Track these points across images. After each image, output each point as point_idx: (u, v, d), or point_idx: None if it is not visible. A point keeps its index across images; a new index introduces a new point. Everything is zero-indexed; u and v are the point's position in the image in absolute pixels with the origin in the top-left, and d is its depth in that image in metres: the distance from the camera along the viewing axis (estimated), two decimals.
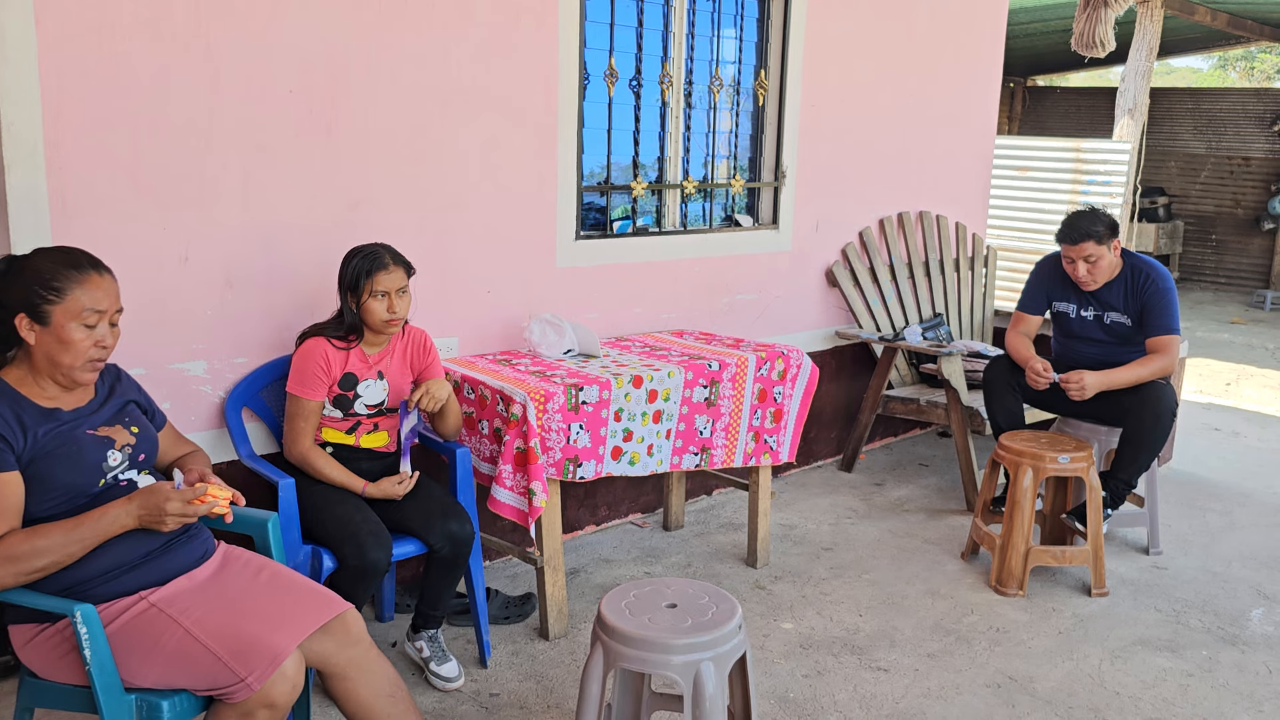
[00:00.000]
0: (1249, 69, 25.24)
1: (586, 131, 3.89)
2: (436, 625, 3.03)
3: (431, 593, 2.98)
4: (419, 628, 3.03)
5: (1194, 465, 5.31)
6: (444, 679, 2.96)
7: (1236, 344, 9.12)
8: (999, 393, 4.06)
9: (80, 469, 2.13)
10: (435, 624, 3.03)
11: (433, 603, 2.99)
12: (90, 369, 2.17)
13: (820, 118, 4.67)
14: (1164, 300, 3.82)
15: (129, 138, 2.78)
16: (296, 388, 2.86)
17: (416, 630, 3.04)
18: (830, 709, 2.94)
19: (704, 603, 2.40)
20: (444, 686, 2.95)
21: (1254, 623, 3.56)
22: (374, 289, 2.84)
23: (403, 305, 2.90)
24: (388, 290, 2.86)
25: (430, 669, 2.98)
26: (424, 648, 3.02)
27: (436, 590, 2.97)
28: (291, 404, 2.88)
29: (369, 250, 2.88)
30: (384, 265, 2.85)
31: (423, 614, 3.02)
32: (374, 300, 2.85)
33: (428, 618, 3.01)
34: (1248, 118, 11.97)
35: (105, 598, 2.10)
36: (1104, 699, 3.04)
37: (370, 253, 2.87)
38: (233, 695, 2.02)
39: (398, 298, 2.88)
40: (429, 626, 3.02)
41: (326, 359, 2.86)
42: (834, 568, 3.90)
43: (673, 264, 4.24)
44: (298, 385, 2.86)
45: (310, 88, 3.09)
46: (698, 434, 3.55)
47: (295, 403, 2.87)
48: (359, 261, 2.86)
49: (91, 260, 2.16)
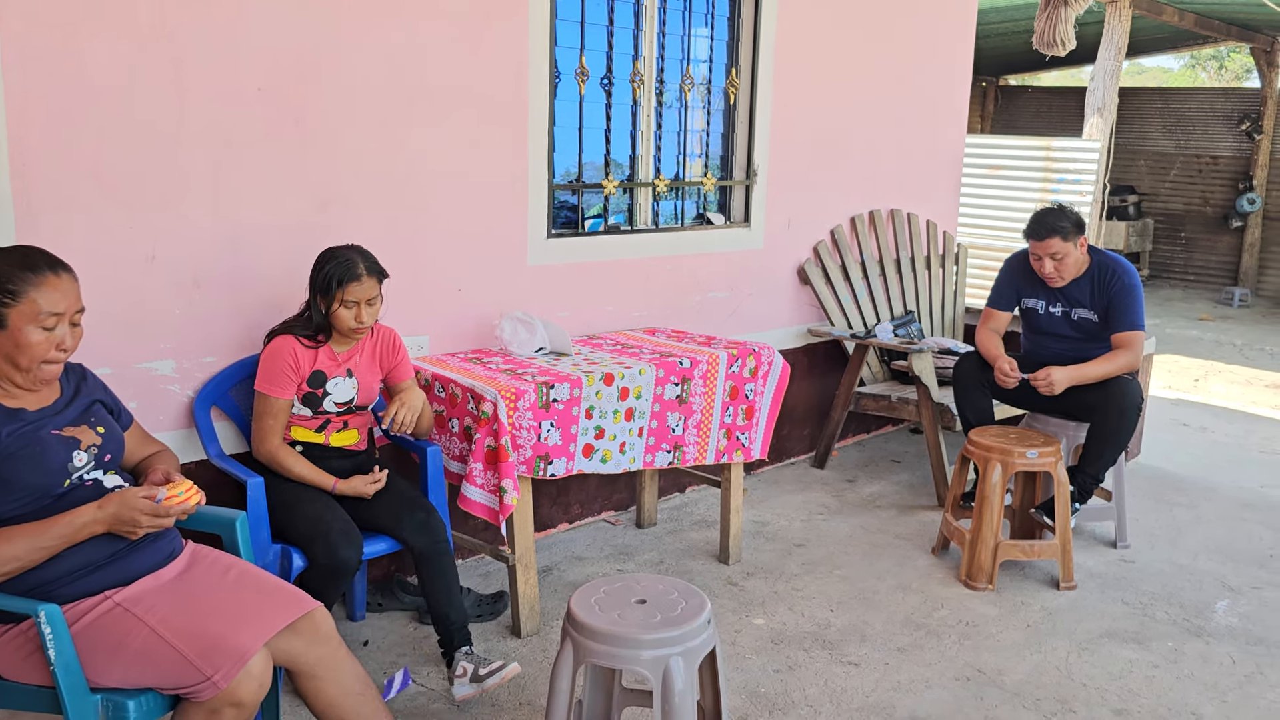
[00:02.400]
0: (1219, 68, 25.53)
1: (558, 130, 3.89)
2: (467, 639, 2.86)
3: (441, 601, 2.84)
4: (450, 649, 2.85)
5: (1162, 460, 5.37)
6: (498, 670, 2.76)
7: (1205, 340, 9.24)
8: (969, 389, 4.10)
9: (45, 470, 2.11)
10: (465, 638, 2.86)
11: (448, 615, 2.84)
12: (49, 371, 2.15)
13: (792, 116, 4.69)
14: (1129, 297, 3.87)
15: (94, 136, 2.76)
16: (265, 385, 2.84)
17: (450, 657, 2.85)
18: (801, 703, 2.96)
19: (673, 598, 2.41)
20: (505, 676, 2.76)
21: (1219, 614, 3.61)
22: (344, 298, 2.82)
23: (370, 314, 2.88)
24: (358, 300, 2.84)
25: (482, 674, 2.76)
26: (467, 667, 2.78)
27: (444, 596, 2.84)
28: (260, 402, 2.86)
29: (344, 257, 2.85)
30: (357, 276, 2.82)
31: (447, 633, 2.85)
32: (343, 308, 2.84)
33: (452, 634, 2.85)
34: (1216, 117, 12.12)
35: (70, 597, 2.09)
36: (1071, 690, 3.08)
37: (345, 260, 2.84)
38: (199, 694, 2.02)
39: (366, 307, 2.86)
40: (460, 644, 2.85)
41: (295, 357, 2.84)
42: (806, 564, 3.92)
43: (645, 262, 4.25)
44: (266, 383, 2.84)
45: (279, 86, 3.08)
46: (670, 431, 3.56)
47: (263, 401, 2.85)
48: (332, 267, 2.83)
49: (49, 260, 2.14)
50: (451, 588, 2.88)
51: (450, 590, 2.87)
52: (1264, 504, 4.76)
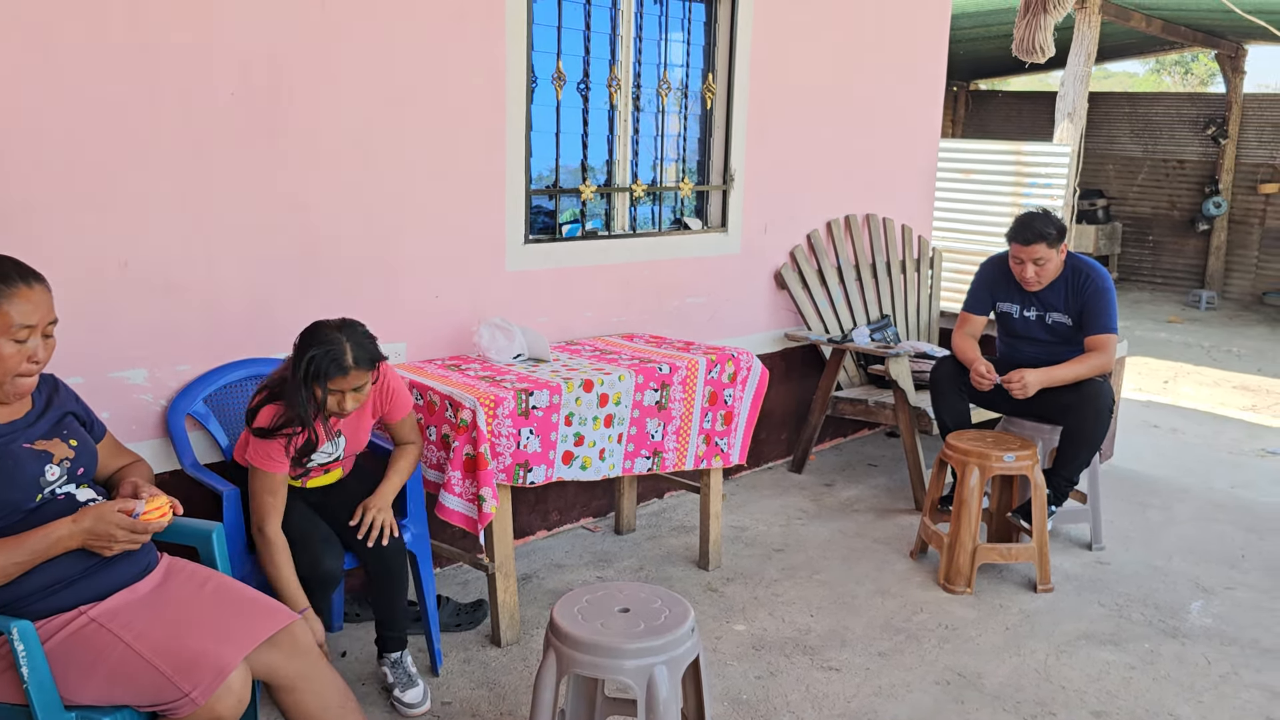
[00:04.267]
0: (1185, 73, 25.89)
1: (534, 135, 3.88)
2: (399, 647, 2.93)
3: (383, 611, 2.90)
4: (382, 651, 2.95)
5: (1134, 462, 5.42)
6: (406, 705, 2.85)
7: (1174, 342, 9.35)
8: (945, 393, 4.12)
9: (16, 484, 2.07)
10: (397, 645, 2.93)
11: (386, 623, 2.91)
12: (22, 385, 2.11)
13: (768, 121, 4.70)
14: (1103, 300, 3.90)
15: (65, 142, 2.71)
16: (263, 463, 2.60)
17: (380, 654, 2.95)
18: (783, 709, 2.96)
19: (656, 606, 2.40)
20: (407, 713, 2.85)
21: (1193, 615, 3.64)
22: (329, 387, 2.58)
23: (356, 402, 2.64)
24: (342, 390, 2.60)
25: (394, 695, 2.87)
26: (387, 674, 2.91)
27: (386, 606, 2.89)
28: (259, 480, 2.62)
29: (331, 345, 2.56)
30: (343, 370, 2.56)
31: (381, 637, 2.93)
32: (329, 395, 2.60)
33: (386, 640, 2.93)
34: (1182, 122, 12.28)
35: (43, 613, 2.05)
36: (1050, 693, 3.10)
37: (331, 351, 2.55)
38: (177, 711, 1.98)
39: (350, 397, 2.62)
40: (390, 649, 2.93)
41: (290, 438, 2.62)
42: (785, 569, 3.92)
43: (622, 267, 4.24)
44: (263, 461, 2.60)
45: (251, 91, 3.04)
46: (649, 437, 3.55)
47: (263, 479, 2.61)
48: (318, 356, 2.54)
49: (21, 271, 2.09)
50: (395, 597, 2.89)
51: (394, 599, 2.89)
52: (1234, 505, 4.81)
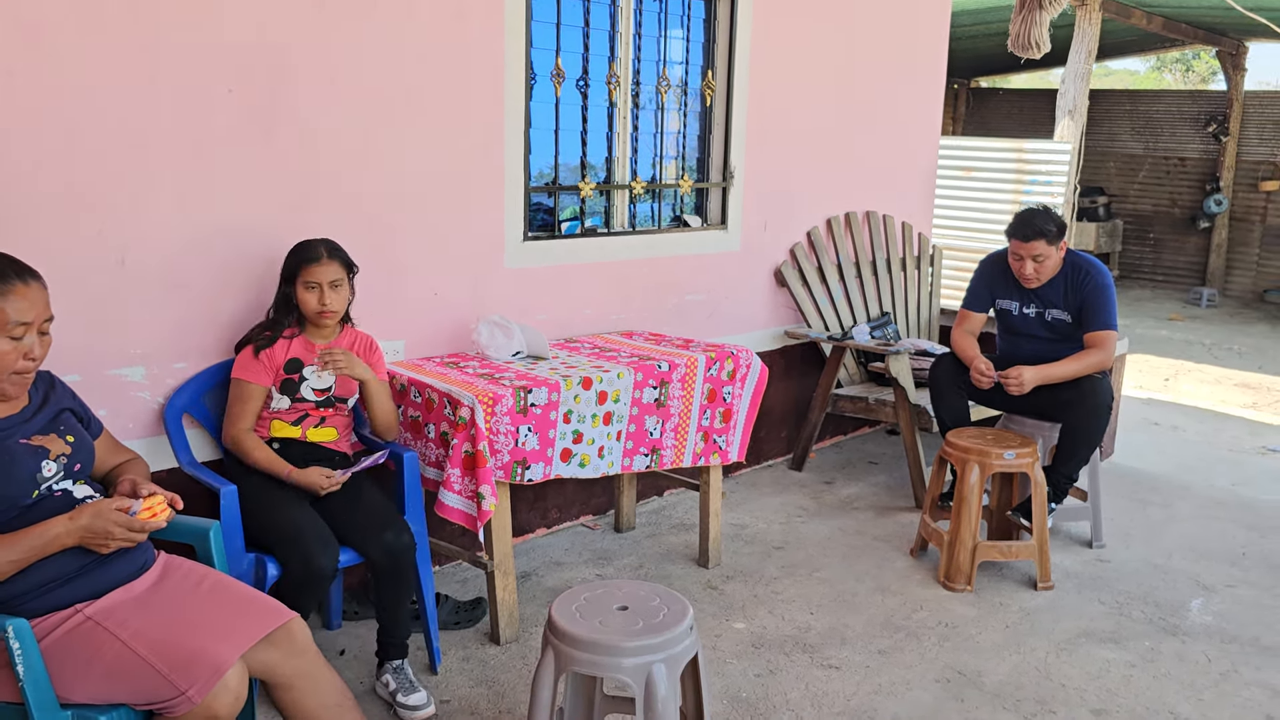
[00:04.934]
0: (1185, 71, 25.85)
1: (533, 132, 3.87)
2: (401, 654, 2.91)
3: (386, 616, 2.88)
4: (384, 659, 2.92)
5: (1135, 459, 5.41)
6: (410, 708, 2.81)
7: (1175, 340, 9.33)
8: (945, 391, 4.11)
9: (13, 480, 2.06)
10: (400, 653, 2.91)
11: (390, 629, 2.89)
12: (18, 381, 2.10)
13: (767, 118, 4.69)
14: (1102, 297, 3.89)
15: (62, 138, 2.70)
16: (239, 372, 2.89)
17: (382, 663, 2.92)
18: (783, 708, 2.95)
19: (655, 604, 2.39)
20: (412, 717, 2.80)
21: (1193, 613, 3.63)
22: (305, 279, 2.89)
23: (335, 299, 2.91)
24: (319, 282, 2.88)
25: (397, 700, 2.83)
26: (390, 681, 2.87)
27: (391, 612, 2.87)
28: (233, 389, 2.89)
29: (306, 242, 2.95)
30: (316, 257, 2.89)
31: (384, 644, 2.91)
32: (306, 291, 2.89)
33: (389, 647, 2.90)
34: (1183, 119, 12.26)
35: (39, 611, 2.04)
36: (1050, 691, 3.09)
37: (305, 244, 2.93)
38: (174, 709, 1.97)
39: (330, 290, 2.89)
40: (393, 656, 2.90)
41: (269, 349, 2.89)
42: (785, 566, 3.91)
43: (622, 264, 4.23)
44: (240, 370, 2.88)
45: (250, 87, 3.03)
46: (648, 435, 3.54)
47: (237, 386, 2.88)
48: (293, 252, 2.93)
49: (17, 268, 2.08)
50: (401, 604, 2.89)
51: (399, 606, 2.89)
52: (1235, 502, 4.80)
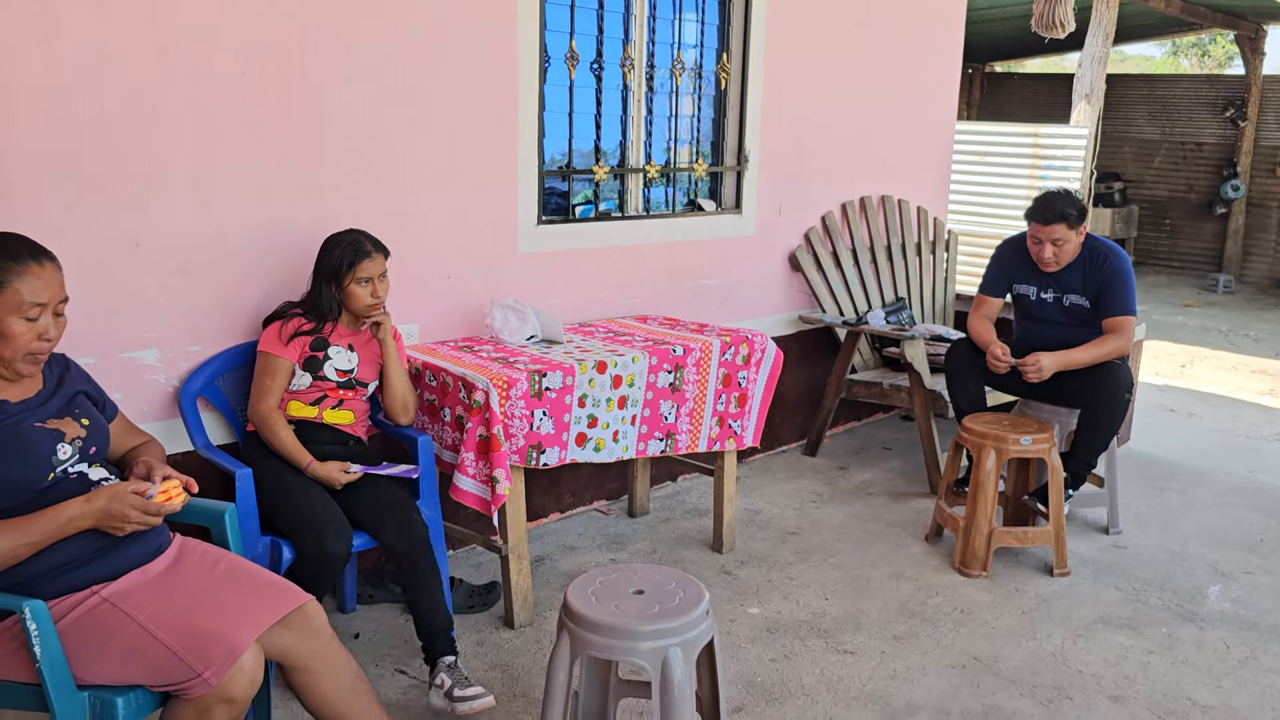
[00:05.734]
0: (1202, 55, 25.60)
1: (547, 115, 3.85)
2: (451, 650, 2.77)
3: (423, 608, 2.76)
4: (435, 658, 2.77)
5: (1152, 446, 5.38)
6: (470, 698, 2.64)
7: (1191, 327, 9.27)
8: (960, 376, 4.08)
9: (28, 463, 2.06)
10: (448, 648, 2.77)
11: (430, 623, 2.76)
12: (33, 361, 2.10)
13: (782, 102, 4.66)
14: (1121, 281, 3.85)
15: (75, 123, 2.69)
16: (266, 345, 2.88)
17: (433, 664, 2.76)
18: (798, 692, 2.94)
19: (671, 589, 2.38)
20: (474, 706, 2.64)
21: (1211, 600, 3.61)
22: (357, 276, 2.90)
23: (385, 289, 2.97)
24: (370, 276, 2.92)
25: (454, 695, 2.66)
26: (444, 679, 2.69)
27: (426, 603, 2.76)
28: (261, 362, 2.89)
29: (350, 239, 2.93)
30: (367, 254, 2.91)
31: (429, 641, 2.77)
32: (358, 286, 2.91)
33: (434, 641, 2.76)
34: (1201, 104, 12.15)
35: (55, 593, 2.04)
36: (1067, 677, 3.07)
37: (352, 241, 2.92)
38: (189, 690, 1.97)
39: (380, 282, 2.95)
40: (443, 652, 2.76)
41: (299, 324, 2.91)
42: (799, 552, 3.90)
43: (636, 249, 4.21)
44: (267, 344, 2.88)
45: (262, 71, 3.02)
46: (662, 419, 3.52)
47: (265, 360, 2.88)
48: (340, 251, 2.90)
49: (32, 249, 2.08)
50: (432, 591, 2.78)
51: (430, 594, 2.78)
52: (1253, 489, 4.77)
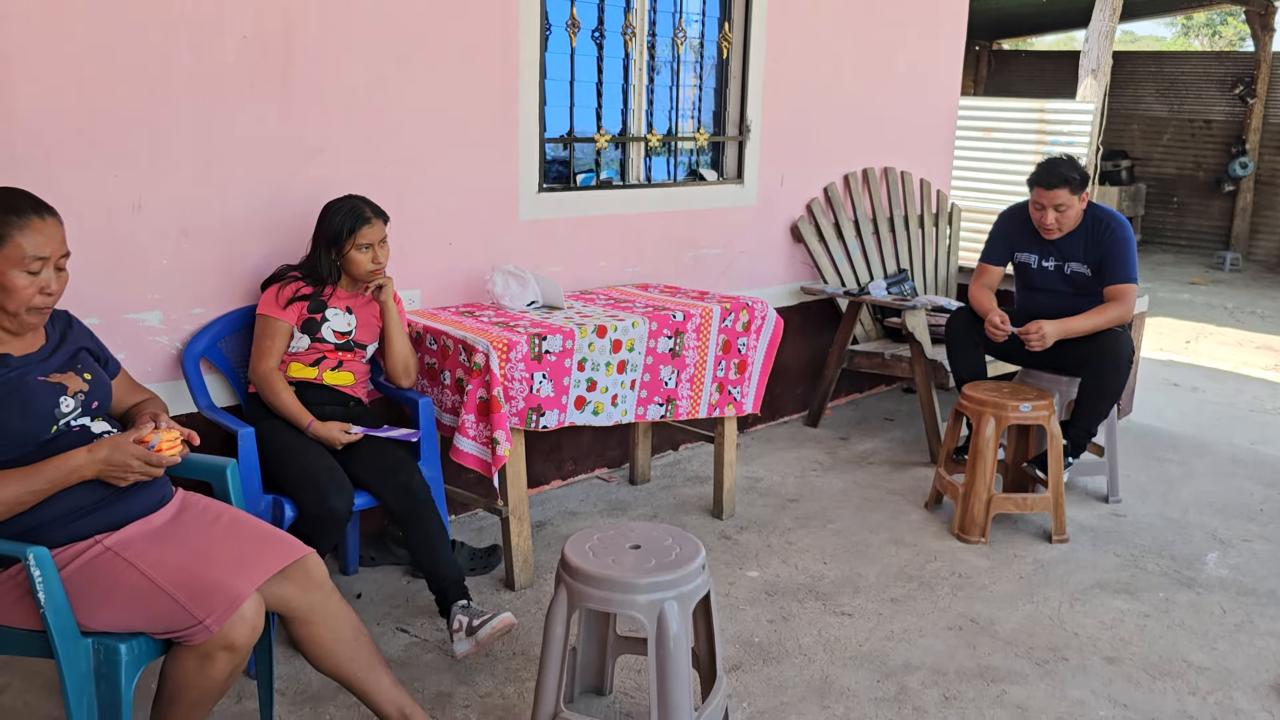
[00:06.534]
0: (1212, 35, 25.41)
1: (549, 83, 3.85)
2: (463, 595, 2.80)
3: (427, 560, 2.80)
4: (448, 604, 2.79)
5: (1153, 418, 5.38)
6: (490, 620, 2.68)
7: (1196, 303, 9.25)
8: (961, 344, 4.09)
9: (31, 416, 2.08)
10: (460, 592, 2.79)
11: (439, 573, 2.79)
12: (36, 315, 2.13)
13: (785, 72, 4.65)
14: (1122, 249, 3.85)
15: (77, 84, 2.71)
16: (265, 308, 2.91)
17: (449, 611, 2.78)
18: (795, 652, 2.97)
19: (668, 544, 2.41)
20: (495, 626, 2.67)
21: (1209, 566, 3.62)
22: (357, 242, 2.92)
23: (385, 254, 2.99)
24: (371, 242, 2.94)
25: (475, 625, 2.69)
26: (461, 618, 2.72)
27: (431, 554, 2.80)
28: (260, 324, 2.91)
29: (350, 205, 2.94)
30: (367, 220, 2.93)
31: (440, 591, 2.80)
32: (358, 252, 2.93)
33: (446, 590, 2.79)
34: (1209, 81, 12.07)
35: (59, 542, 2.07)
36: (1063, 639, 3.09)
37: (352, 208, 2.94)
38: (191, 637, 2.00)
39: (380, 248, 2.97)
40: (456, 598, 2.79)
41: (297, 287, 2.94)
42: (799, 518, 3.92)
43: (637, 217, 4.22)
44: (266, 306, 2.91)
45: (264, 34, 3.03)
46: (662, 385, 3.54)
47: (264, 322, 2.91)
48: (341, 217, 2.92)
49: (34, 203, 2.10)
50: (437, 544, 2.82)
51: (436, 547, 2.82)
52: (1254, 460, 4.77)
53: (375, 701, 2.30)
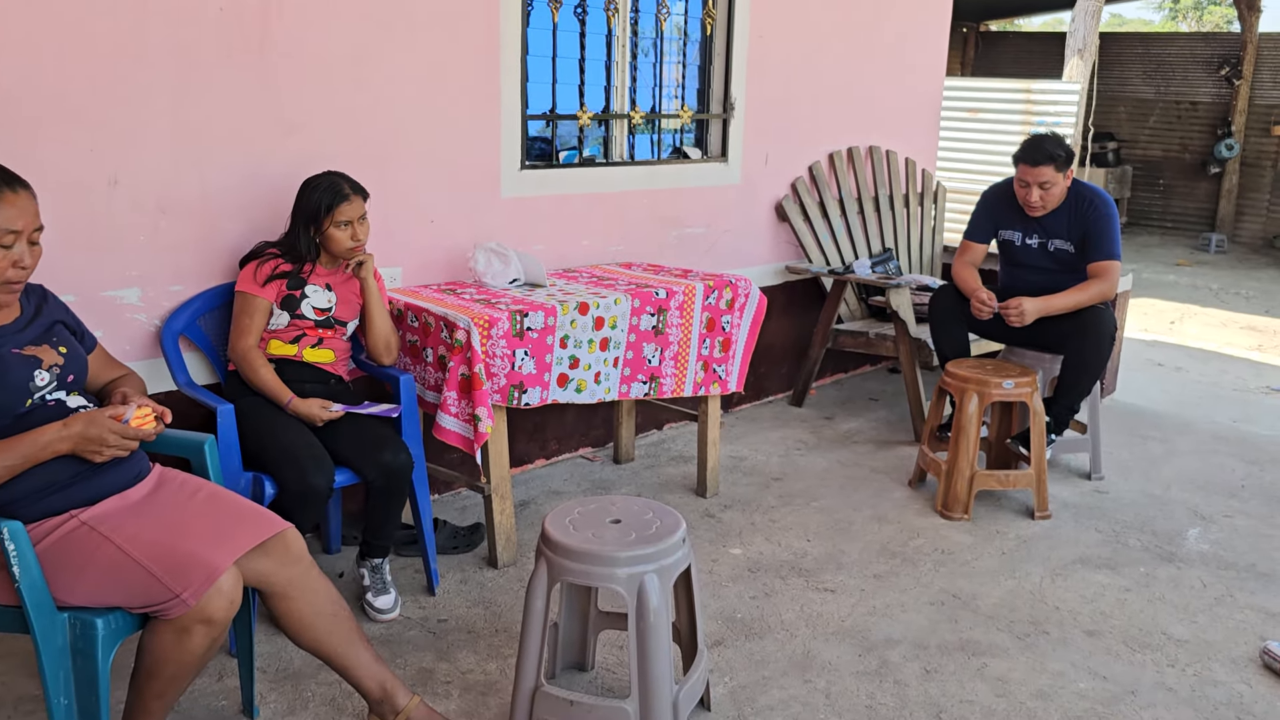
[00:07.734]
0: (1199, 19, 25.44)
1: (531, 59, 3.82)
2: (381, 554, 3.02)
3: (373, 521, 2.96)
4: (364, 556, 3.02)
5: (1137, 397, 5.40)
6: (376, 610, 2.94)
7: (1181, 285, 9.28)
8: (945, 322, 4.09)
9: (5, 388, 2.06)
10: (379, 553, 3.01)
11: (374, 531, 2.97)
12: (8, 290, 2.10)
13: (769, 49, 4.63)
14: (1106, 225, 3.85)
15: (54, 57, 2.67)
16: (244, 285, 2.89)
17: (362, 559, 3.03)
18: (777, 627, 2.98)
19: (648, 518, 2.40)
20: (376, 618, 2.93)
21: (1190, 541, 3.64)
22: (336, 219, 2.90)
23: (365, 231, 2.98)
24: (350, 219, 2.92)
25: (365, 600, 2.97)
26: (365, 576, 3.01)
27: (377, 520, 2.95)
28: (239, 302, 2.89)
29: (329, 182, 2.92)
30: (345, 196, 2.91)
31: (366, 543, 3.00)
32: (337, 230, 2.92)
33: (370, 546, 3.00)
34: (1196, 63, 12.08)
35: (34, 517, 2.05)
36: (1044, 613, 3.11)
37: (331, 184, 2.92)
38: (168, 611, 1.99)
39: (359, 225, 2.95)
40: (372, 555, 3.01)
41: (275, 264, 2.91)
42: (783, 496, 3.93)
43: (620, 195, 4.20)
44: (245, 283, 2.89)
45: (241, 6, 2.99)
46: (646, 362, 3.54)
47: (242, 300, 2.88)
48: (320, 194, 2.90)
49: (6, 177, 2.07)
50: (390, 512, 2.94)
51: (389, 514, 2.94)
52: (1236, 437, 4.80)
53: (356, 677, 2.30)
